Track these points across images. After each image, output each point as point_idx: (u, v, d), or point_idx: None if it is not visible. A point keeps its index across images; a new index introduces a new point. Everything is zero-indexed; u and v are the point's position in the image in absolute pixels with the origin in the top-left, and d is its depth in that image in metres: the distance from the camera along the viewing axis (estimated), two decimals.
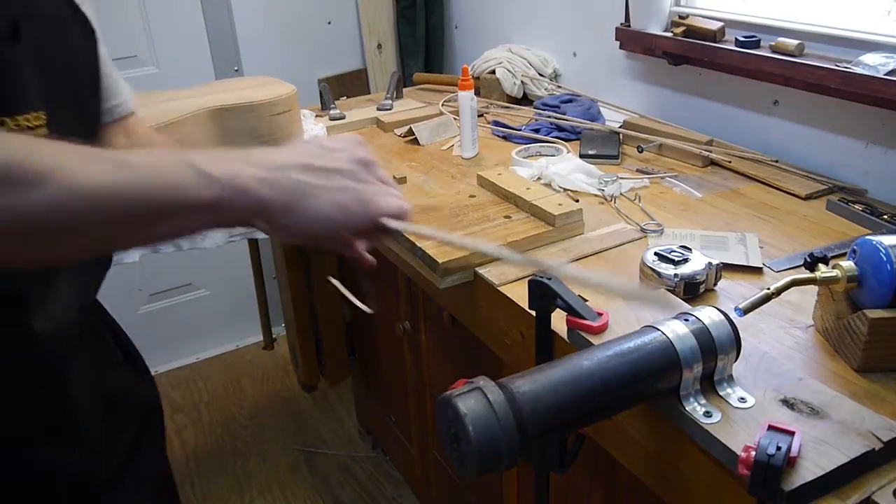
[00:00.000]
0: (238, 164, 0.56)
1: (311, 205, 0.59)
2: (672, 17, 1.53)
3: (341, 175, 0.61)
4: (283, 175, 0.58)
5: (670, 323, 0.67)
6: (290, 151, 0.61)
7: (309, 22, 2.37)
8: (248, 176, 0.56)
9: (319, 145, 0.62)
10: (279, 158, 0.59)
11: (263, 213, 0.57)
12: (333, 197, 0.60)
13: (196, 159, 0.55)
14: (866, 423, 0.64)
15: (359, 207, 0.61)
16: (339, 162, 0.61)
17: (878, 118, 1.21)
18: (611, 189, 1.25)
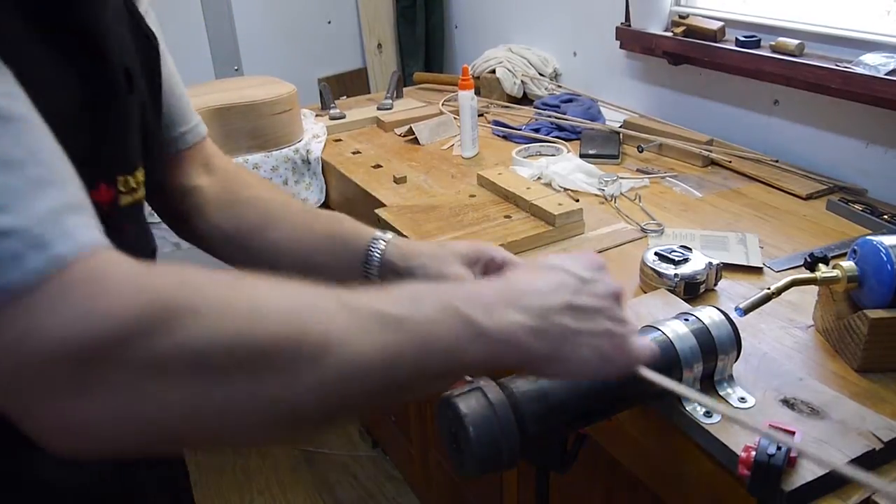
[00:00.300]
0: (508, 311, 0.50)
1: (573, 353, 0.53)
2: (672, 17, 1.53)
3: (600, 315, 0.55)
4: (549, 322, 0.52)
5: (670, 323, 0.67)
6: (550, 284, 0.54)
7: (309, 22, 2.36)
8: (519, 326, 0.50)
9: (576, 275, 0.56)
10: (544, 299, 0.53)
11: (527, 363, 0.53)
12: (594, 343, 0.54)
13: (467, 308, 0.48)
14: (866, 423, 0.64)
15: (617, 355, 0.55)
16: (598, 299, 0.55)
17: (878, 118, 1.21)
18: (611, 189, 1.25)
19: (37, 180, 0.38)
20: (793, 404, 0.67)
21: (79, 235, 0.37)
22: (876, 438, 0.62)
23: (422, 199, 1.23)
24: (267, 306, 0.41)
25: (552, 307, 0.52)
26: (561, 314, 0.53)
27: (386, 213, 1.15)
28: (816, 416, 0.65)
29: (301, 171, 1.51)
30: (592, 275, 0.57)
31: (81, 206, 0.39)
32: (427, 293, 0.48)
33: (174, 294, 0.38)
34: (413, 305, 0.46)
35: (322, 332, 0.41)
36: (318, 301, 0.43)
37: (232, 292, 0.40)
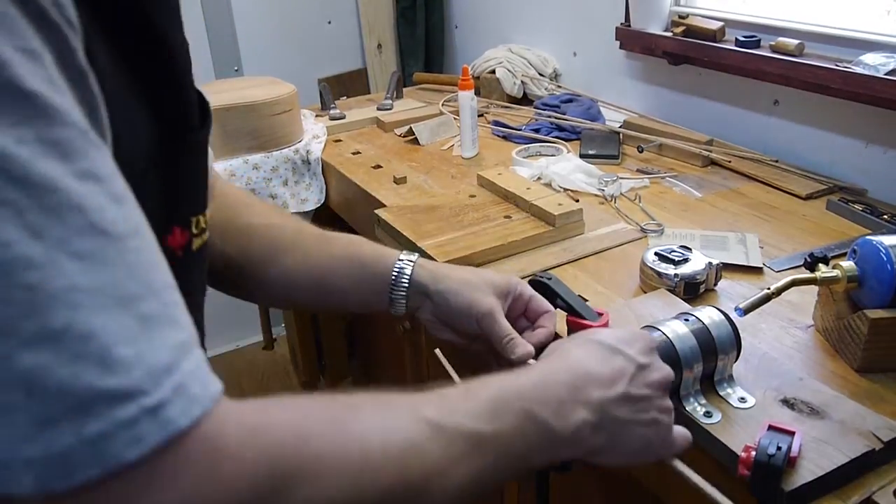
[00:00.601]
0: (576, 409, 0.52)
1: (622, 443, 0.54)
2: (672, 17, 1.53)
3: (651, 404, 0.56)
4: (608, 415, 0.53)
5: (670, 323, 0.67)
6: (611, 372, 0.55)
7: (309, 22, 2.36)
8: (585, 424, 0.52)
9: (634, 361, 0.56)
10: (606, 391, 0.53)
11: (585, 454, 0.54)
12: (642, 433, 0.55)
13: (543, 412, 0.50)
14: (867, 423, 0.64)
15: (659, 444, 0.57)
16: (651, 388, 0.56)
17: (878, 118, 1.21)
18: (611, 189, 1.25)
19: (149, 318, 0.35)
20: (793, 404, 0.67)
21: (195, 392, 0.35)
22: (876, 438, 0.62)
23: (422, 200, 1.23)
24: (374, 453, 0.41)
25: (612, 399, 0.53)
26: (618, 405, 0.54)
27: (386, 214, 1.15)
28: (816, 416, 0.65)
29: (301, 171, 1.51)
30: (648, 360, 0.57)
31: (190, 341, 0.37)
32: (507, 399, 0.49)
33: (290, 455, 0.38)
34: (496, 419, 0.48)
35: (423, 475, 0.43)
36: (415, 433, 0.44)
37: (343, 438, 0.41)
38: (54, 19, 0.33)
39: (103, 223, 0.34)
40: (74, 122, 0.34)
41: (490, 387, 0.50)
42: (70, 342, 0.32)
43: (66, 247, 0.32)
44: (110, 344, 0.33)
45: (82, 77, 0.35)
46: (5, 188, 0.31)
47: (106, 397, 0.32)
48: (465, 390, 0.49)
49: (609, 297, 0.93)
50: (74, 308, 0.32)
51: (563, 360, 0.55)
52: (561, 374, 0.53)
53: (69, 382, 0.31)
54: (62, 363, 0.31)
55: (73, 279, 0.32)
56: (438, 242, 1.03)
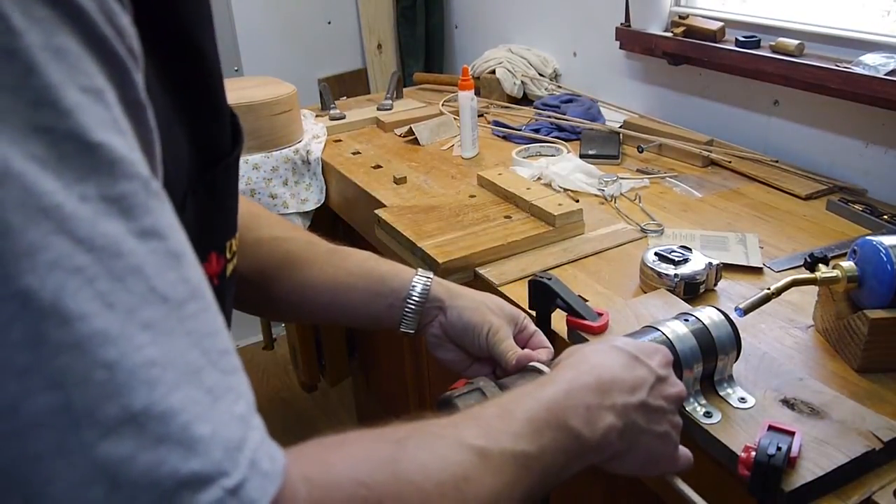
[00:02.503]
0: (603, 414, 0.51)
1: (636, 451, 0.55)
2: (672, 17, 1.53)
3: (665, 417, 0.56)
4: (630, 420, 0.53)
5: (670, 323, 0.67)
6: (634, 379, 0.55)
7: (309, 22, 2.36)
8: (612, 429, 0.52)
9: (655, 372, 0.56)
10: (628, 396, 0.53)
11: (606, 460, 0.54)
12: (653, 444, 0.55)
13: (576, 422, 0.50)
14: (867, 424, 0.64)
15: (665, 458, 0.57)
16: (668, 401, 0.56)
17: (878, 118, 1.21)
18: (611, 189, 1.25)
19: (214, 390, 0.32)
20: (793, 404, 0.67)
21: (266, 468, 0.33)
22: (876, 438, 0.62)
23: (422, 200, 1.23)
24: (431, 492, 0.41)
25: (632, 404, 0.53)
26: (637, 412, 0.54)
27: (386, 214, 1.15)
28: (816, 416, 0.65)
29: (301, 171, 1.51)
30: (666, 373, 0.58)
31: (251, 411, 0.35)
32: (544, 414, 0.49)
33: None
34: (538, 436, 0.48)
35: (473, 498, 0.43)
36: (467, 464, 0.43)
37: (399, 482, 0.40)
38: (117, 51, 0.31)
39: (164, 288, 0.31)
40: (137, 172, 0.31)
41: (524, 404, 0.50)
42: (152, 424, 0.29)
43: (135, 317, 0.30)
44: (189, 422, 0.30)
45: (142, 112, 0.33)
46: (74, 253, 0.28)
47: (191, 482, 0.30)
48: (500, 410, 0.49)
49: (609, 297, 0.93)
50: (152, 386, 0.29)
51: (586, 364, 0.55)
52: (586, 378, 0.53)
53: (154, 470, 0.29)
54: (146, 449, 0.29)
55: (147, 353, 0.29)
56: (438, 242, 1.03)
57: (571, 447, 0.49)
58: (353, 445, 0.41)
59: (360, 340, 1.96)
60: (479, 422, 0.47)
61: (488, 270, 1.00)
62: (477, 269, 1.01)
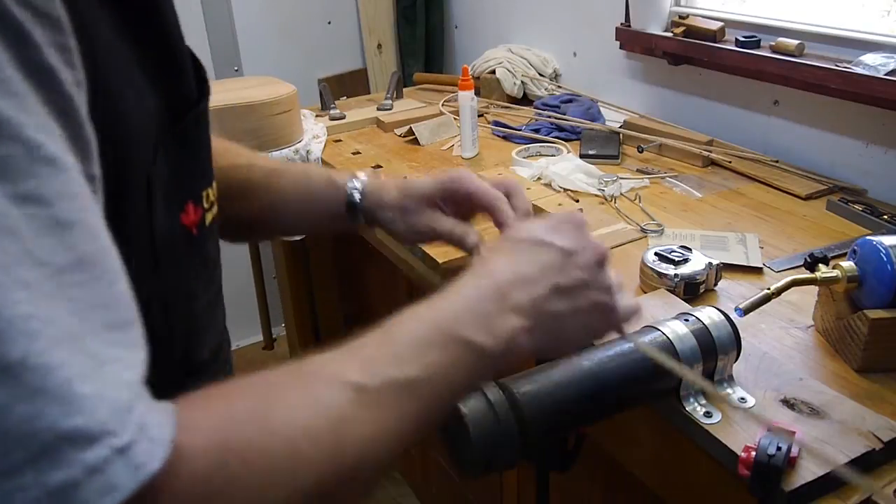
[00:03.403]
0: (505, 318, 0.49)
1: (566, 336, 0.53)
2: (672, 17, 1.53)
3: (587, 288, 0.54)
4: (543, 313, 0.51)
5: (670, 323, 0.67)
6: (536, 268, 0.52)
7: (309, 22, 2.36)
8: (517, 330, 0.49)
9: (560, 249, 0.53)
10: (533, 289, 0.51)
11: (527, 358, 0.53)
12: (583, 321, 0.54)
13: (471, 333, 0.47)
14: (867, 424, 0.64)
15: (603, 324, 0.56)
16: (584, 271, 0.54)
17: (878, 118, 1.21)
18: (611, 189, 1.25)
19: (99, 356, 0.32)
20: (793, 404, 0.67)
21: (153, 433, 0.32)
22: (876, 438, 0.62)
23: None
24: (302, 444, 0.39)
25: (542, 296, 0.51)
26: (552, 300, 0.51)
27: None
28: (816, 416, 0.65)
29: None
30: (575, 243, 0.55)
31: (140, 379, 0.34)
32: (429, 333, 0.46)
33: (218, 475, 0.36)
34: (423, 358, 0.45)
35: (358, 444, 0.41)
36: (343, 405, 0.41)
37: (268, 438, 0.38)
38: (12, 14, 0.31)
39: (40, 252, 0.30)
40: (22, 136, 0.30)
41: (408, 325, 0.47)
42: (29, 376, 0.28)
43: (10, 274, 0.29)
44: (70, 379, 0.29)
45: (50, 76, 0.32)
46: None
47: (74, 439, 0.29)
48: (382, 335, 0.46)
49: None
50: (31, 338, 0.29)
51: (483, 270, 0.52)
52: (482, 288, 0.50)
53: (30, 422, 0.28)
54: (21, 399, 0.28)
55: (24, 309, 0.29)
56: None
57: (471, 361, 0.46)
58: (225, 400, 0.39)
59: None
60: (359, 352, 0.45)
61: None
62: None
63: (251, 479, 0.36)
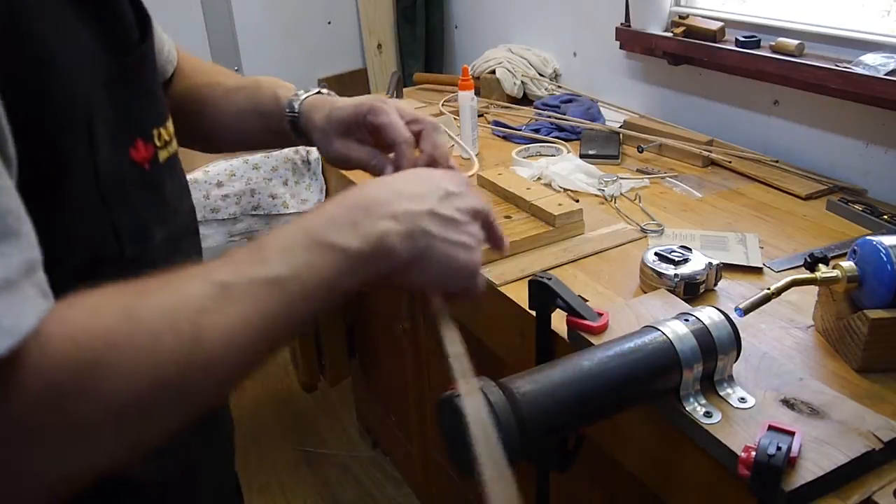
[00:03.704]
0: (377, 222, 0.52)
1: (431, 259, 0.55)
2: (672, 17, 1.53)
3: (460, 227, 0.56)
4: (416, 226, 0.53)
5: (670, 323, 0.67)
6: (417, 190, 0.56)
7: (309, 22, 2.37)
8: (390, 233, 0.52)
9: (443, 187, 0.57)
10: (411, 203, 0.54)
11: (394, 270, 0.54)
12: (451, 252, 0.56)
13: (337, 238, 0.50)
14: (867, 424, 0.64)
15: (466, 272, 0.57)
16: (461, 212, 0.57)
17: (878, 118, 1.21)
18: (611, 189, 1.25)
19: None
20: (793, 404, 0.67)
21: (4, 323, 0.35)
22: (876, 438, 0.62)
23: None
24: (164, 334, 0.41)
25: (417, 211, 0.54)
26: (427, 220, 0.54)
27: None
28: (816, 416, 0.65)
29: (301, 171, 1.51)
30: (458, 189, 0.58)
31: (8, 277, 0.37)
32: (298, 237, 0.50)
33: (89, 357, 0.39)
34: (288, 258, 0.48)
35: (222, 336, 0.43)
36: (206, 299, 0.44)
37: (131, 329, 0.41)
38: None
39: None
40: None
41: (278, 234, 0.50)
42: None
43: None
44: None
45: None
46: None
47: None
48: (255, 245, 0.49)
49: (609, 297, 0.93)
50: None
51: (362, 187, 0.55)
52: (352, 199, 0.53)
53: None
54: None
55: None
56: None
57: (338, 261, 0.50)
58: (100, 296, 0.42)
59: (360, 340, 1.97)
60: (230, 258, 0.48)
61: (488, 270, 1.00)
62: None
63: (115, 367, 0.39)
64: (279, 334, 0.47)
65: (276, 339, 0.48)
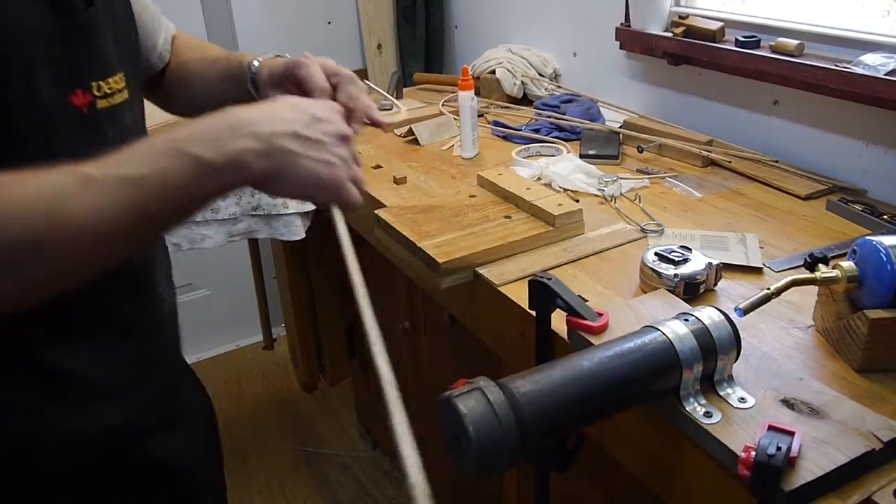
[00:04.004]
0: (237, 140, 0.59)
1: (294, 174, 0.63)
2: (672, 17, 1.53)
3: (324, 148, 0.65)
4: (275, 145, 0.61)
5: (670, 323, 0.67)
6: (282, 114, 0.64)
7: (309, 22, 2.37)
8: (247, 151, 0.60)
9: (310, 113, 0.65)
10: (273, 126, 0.62)
11: (258, 181, 0.62)
12: (313, 168, 0.64)
13: (195, 149, 0.58)
14: (866, 424, 0.64)
15: (331, 185, 0.65)
16: (324, 134, 0.65)
17: (878, 118, 1.21)
18: (611, 189, 1.25)
19: None
20: (793, 404, 0.67)
21: None
22: (876, 438, 0.62)
23: (422, 200, 1.23)
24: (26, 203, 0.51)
25: (280, 133, 0.62)
26: (287, 139, 0.62)
27: (386, 214, 1.15)
28: (816, 417, 0.65)
29: None
30: (325, 116, 0.66)
31: None
32: (161, 146, 0.58)
33: None
34: (150, 162, 0.56)
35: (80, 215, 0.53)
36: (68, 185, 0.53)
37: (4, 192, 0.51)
38: None
39: None
40: None
41: (146, 142, 0.59)
42: None
43: None
44: None
45: None
46: None
47: None
48: (126, 149, 0.57)
49: (609, 297, 0.93)
50: None
51: (229, 111, 0.62)
52: (219, 120, 0.61)
53: None
54: None
55: None
56: (438, 243, 1.03)
57: (196, 170, 0.58)
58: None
59: (360, 340, 1.97)
60: (100, 160, 0.56)
61: (488, 270, 1.00)
62: (477, 269, 1.01)
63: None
64: (134, 226, 0.56)
65: (131, 230, 0.56)
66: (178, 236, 1.42)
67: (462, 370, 1.34)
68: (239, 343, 2.69)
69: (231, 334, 2.67)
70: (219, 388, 2.48)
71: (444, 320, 1.32)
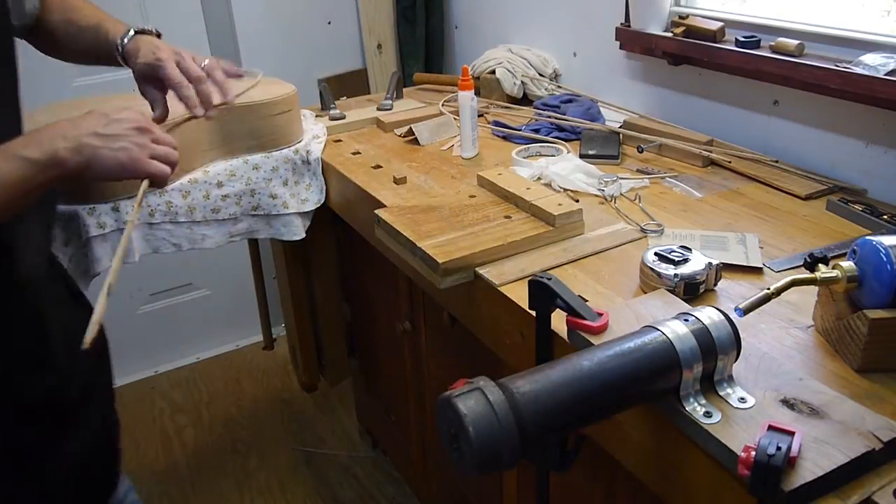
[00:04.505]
0: (54, 141, 0.83)
1: (100, 162, 0.86)
2: (672, 17, 1.53)
3: (121, 138, 0.87)
4: (81, 142, 0.84)
5: (670, 323, 0.67)
6: (85, 121, 0.87)
7: (309, 22, 2.37)
8: (62, 149, 0.83)
9: (106, 116, 0.89)
10: (78, 129, 0.85)
11: (78, 171, 0.84)
12: (114, 155, 0.86)
13: (24, 151, 0.80)
14: (866, 424, 0.64)
15: (130, 165, 0.88)
16: (119, 129, 0.88)
17: (878, 118, 1.21)
18: (611, 189, 1.25)
19: None
20: (793, 404, 0.67)
21: None
22: (876, 438, 0.62)
23: (422, 200, 1.23)
24: None
25: (84, 133, 0.85)
26: (90, 137, 0.86)
27: (386, 214, 1.15)
28: (816, 417, 0.65)
29: (301, 171, 1.51)
30: (123, 116, 0.90)
31: None
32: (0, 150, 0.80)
33: None
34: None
35: None
36: None
37: None
38: None
39: None
40: None
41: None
42: None
43: None
44: None
45: None
46: None
47: None
48: None
49: (609, 297, 0.93)
50: None
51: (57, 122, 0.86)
52: (48, 129, 0.84)
53: None
54: None
55: None
56: (438, 243, 1.03)
57: (23, 167, 0.80)
58: None
59: (360, 340, 1.97)
60: None
61: (488, 270, 1.00)
62: (477, 269, 1.01)
63: None
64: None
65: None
66: (178, 236, 1.42)
67: (462, 370, 1.34)
68: (239, 343, 2.69)
69: (231, 334, 2.67)
70: (219, 388, 2.48)
71: (444, 320, 1.32)
